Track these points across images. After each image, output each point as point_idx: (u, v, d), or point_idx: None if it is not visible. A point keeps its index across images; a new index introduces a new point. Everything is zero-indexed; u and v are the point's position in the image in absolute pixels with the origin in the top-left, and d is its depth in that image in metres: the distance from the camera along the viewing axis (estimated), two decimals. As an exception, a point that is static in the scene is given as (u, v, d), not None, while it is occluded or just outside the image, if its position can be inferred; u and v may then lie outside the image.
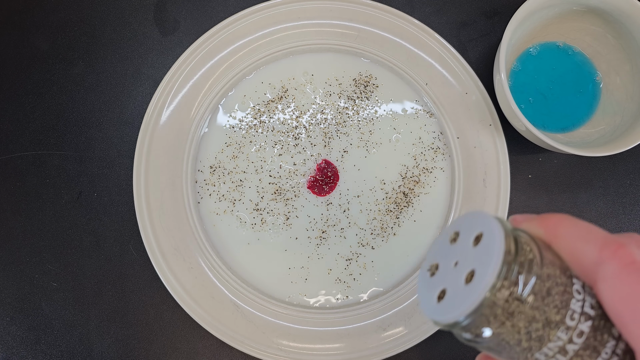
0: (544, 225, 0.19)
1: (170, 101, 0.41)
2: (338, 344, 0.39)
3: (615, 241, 0.17)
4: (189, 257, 0.40)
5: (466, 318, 0.18)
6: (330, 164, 0.41)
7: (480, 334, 0.19)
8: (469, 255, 0.19)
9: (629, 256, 0.17)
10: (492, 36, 0.44)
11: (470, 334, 0.19)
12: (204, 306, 0.39)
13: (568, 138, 0.41)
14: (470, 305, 0.18)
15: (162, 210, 0.40)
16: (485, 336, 0.18)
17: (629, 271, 0.16)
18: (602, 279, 0.17)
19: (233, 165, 0.41)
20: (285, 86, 0.42)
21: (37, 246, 0.42)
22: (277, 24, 0.42)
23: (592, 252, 0.17)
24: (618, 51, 0.40)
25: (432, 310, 0.20)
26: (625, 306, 0.16)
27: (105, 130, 0.43)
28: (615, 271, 0.17)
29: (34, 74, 0.43)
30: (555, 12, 0.39)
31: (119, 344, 0.41)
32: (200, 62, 0.41)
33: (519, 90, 0.41)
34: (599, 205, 0.43)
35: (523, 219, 0.20)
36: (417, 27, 0.42)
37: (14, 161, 0.42)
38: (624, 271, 0.16)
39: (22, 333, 0.41)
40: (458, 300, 0.18)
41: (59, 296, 0.41)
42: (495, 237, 0.18)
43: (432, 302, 0.20)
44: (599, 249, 0.17)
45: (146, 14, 0.44)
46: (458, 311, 0.18)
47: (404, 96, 0.42)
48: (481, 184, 0.41)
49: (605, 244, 0.17)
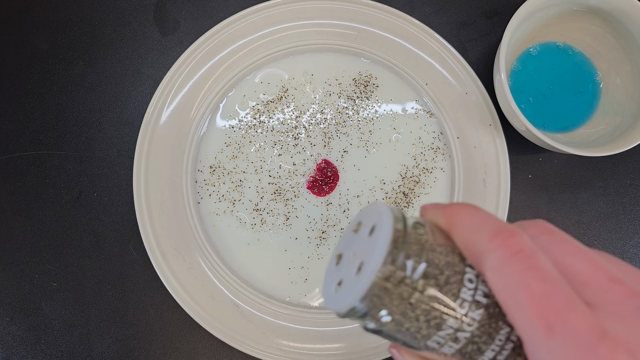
0: (445, 214, 0.19)
1: (170, 101, 0.41)
2: (338, 344, 0.39)
3: (505, 230, 0.17)
4: (189, 257, 0.40)
5: (358, 304, 0.18)
6: (330, 164, 0.41)
7: (381, 322, 0.19)
8: (364, 246, 0.19)
9: (516, 245, 0.16)
10: (492, 36, 0.44)
11: (372, 323, 0.19)
12: (204, 306, 0.39)
13: (568, 138, 0.41)
14: (357, 292, 0.18)
15: (162, 210, 0.40)
16: (384, 321, 0.19)
17: (514, 260, 0.16)
18: (488, 268, 0.17)
19: (233, 165, 0.41)
20: (285, 86, 0.42)
21: (37, 246, 0.42)
22: (277, 24, 0.42)
23: (482, 242, 0.17)
24: (618, 51, 0.40)
25: (329, 299, 0.20)
26: (509, 295, 0.16)
27: (105, 130, 0.43)
28: (500, 260, 0.16)
29: (34, 74, 0.43)
30: (555, 12, 0.39)
31: (119, 344, 0.41)
32: (200, 62, 0.41)
33: (519, 90, 0.41)
34: (599, 205, 0.42)
35: (430, 208, 0.20)
36: (417, 27, 0.42)
37: (14, 161, 0.42)
38: (509, 260, 0.16)
39: (22, 333, 0.41)
40: (349, 289, 0.19)
41: (59, 296, 0.41)
42: (384, 225, 0.18)
43: (331, 292, 0.20)
44: (489, 238, 0.17)
45: (146, 14, 0.44)
46: (348, 299, 0.18)
47: (404, 96, 0.42)
48: (481, 184, 0.41)
49: (495, 234, 0.17)
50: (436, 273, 0.18)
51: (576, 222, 0.42)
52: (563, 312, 0.15)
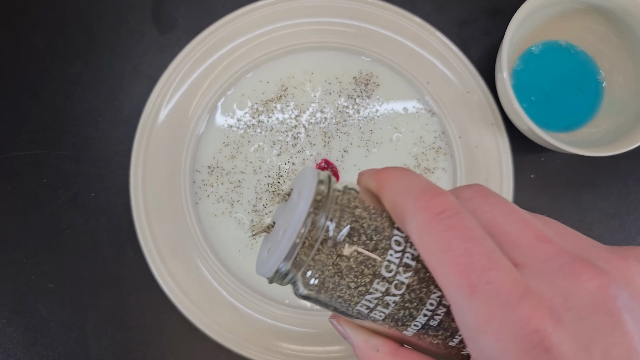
0: (376, 177, 0.19)
1: (168, 100, 0.41)
2: (338, 347, 0.39)
3: (430, 191, 0.17)
4: (187, 259, 0.40)
5: (282, 266, 0.18)
6: (331, 164, 0.41)
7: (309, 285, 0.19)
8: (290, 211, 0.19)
9: (440, 206, 0.16)
10: (493, 34, 0.43)
11: (302, 287, 0.19)
12: (202, 308, 0.39)
13: (571, 138, 0.41)
14: (279, 254, 0.18)
15: (160, 211, 0.40)
16: (311, 284, 0.18)
17: (436, 220, 0.16)
18: (412, 230, 0.16)
19: (231, 165, 0.41)
20: (284, 85, 0.42)
21: (33, 247, 0.41)
22: (276, 21, 0.41)
23: (407, 203, 0.17)
24: (621, 50, 0.40)
25: (259, 266, 0.20)
26: (431, 255, 0.16)
27: (102, 129, 0.42)
28: (424, 222, 0.16)
29: (30, 73, 0.43)
30: (557, 11, 0.39)
31: (116, 346, 0.40)
32: (198, 60, 0.41)
33: (521, 89, 0.41)
34: (602, 205, 0.42)
35: (365, 173, 0.20)
36: (419, 25, 0.41)
37: (10, 161, 0.42)
38: (432, 221, 0.16)
39: (19, 335, 0.41)
40: (274, 252, 0.19)
41: (55, 298, 0.41)
42: (306, 187, 0.18)
43: (262, 259, 0.20)
44: (414, 199, 0.16)
45: (144, 11, 0.44)
46: (271, 261, 0.18)
47: (405, 95, 0.42)
48: (483, 184, 0.40)
49: (420, 195, 0.16)
50: (361, 235, 0.18)
51: (579, 222, 0.42)
52: (485, 270, 0.15)
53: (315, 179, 0.19)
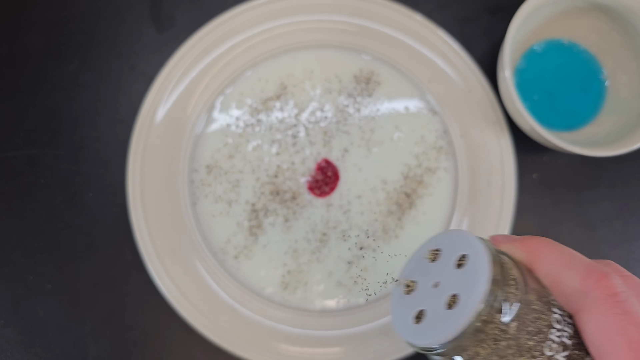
0: (526, 248, 0.19)
1: (166, 99, 0.40)
2: (338, 348, 0.38)
3: (598, 270, 0.17)
4: (186, 260, 0.39)
5: (446, 344, 0.17)
6: (331, 164, 0.41)
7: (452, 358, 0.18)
8: (452, 278, 0.18)
9: (612, 287, 0.17)
10: (495, 33, 0.43)
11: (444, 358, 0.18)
12: (201, 309, 0.39)
13: (573, 137, 0.41)
14: (453, 331, 0.17)
15: (158, 211, 0.40)
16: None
17: (611, 304, 0.16)
18: (585, 309, 0.17)
19: (230, 164, 0.41)
20: (284, 83, 0.41)
21: (31, 248, 0.41)
22: (276, 19, 0.41)
23: (575, 281, 0.17)
24: (624, 49, 0.40)
25: (409, 331, 0.19)
26: (606, 339, 0.16)
27: (99, 129, 0.42)
28: (598, 302, 0.17)
29: (27, 72, 0.43)
30: (560, 9, 0.39)
31: (114, 348, 0.40)
32: (196, 59, 0.41)
33: (523, 88, 0.41)
34: (605, 205, 0.42)
35: (503, 240, 0.20)
36: (420, 23, 0.41)
37: (7, 161, 0.42)
38: (607, 303, 0.17)
39: (16, 336, 0.40)
40: (439, 325, 0.18)
41: (53, 298, 0.41)
42: (482, 261, 0.18)
43: (408, 323, 0.19)
44: (582, 277, 0.17)
45: (142, 10, 0.43)
46: (440, 336, 0.18)
47: (406, 94, 0.42)
48: (485, 184, 0.40)
49: (589, 273, 0.17)
50: (527, 314, 0.17)
51: (582, 222, 0.42)
52: None
53: (487, 249, 0.18)
